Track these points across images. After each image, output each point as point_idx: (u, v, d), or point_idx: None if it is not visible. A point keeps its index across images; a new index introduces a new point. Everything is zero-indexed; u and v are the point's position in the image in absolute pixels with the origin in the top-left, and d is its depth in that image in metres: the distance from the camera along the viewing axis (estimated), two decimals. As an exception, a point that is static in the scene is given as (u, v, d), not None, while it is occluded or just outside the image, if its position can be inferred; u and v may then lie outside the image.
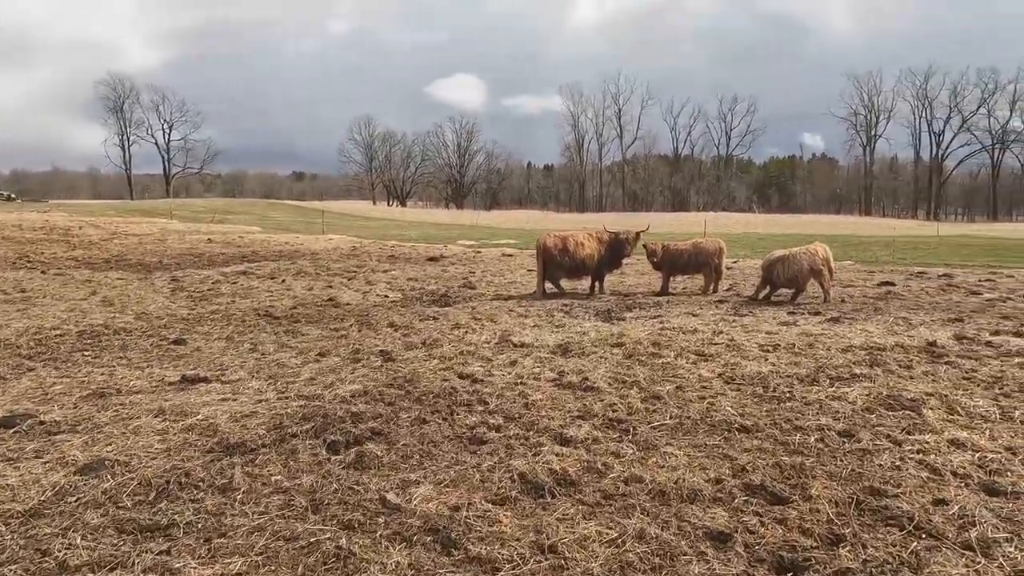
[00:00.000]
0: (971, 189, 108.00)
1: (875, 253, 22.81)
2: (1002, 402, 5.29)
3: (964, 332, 8.30)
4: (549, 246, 12.62)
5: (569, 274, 12.99)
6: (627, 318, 10.04)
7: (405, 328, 9.40)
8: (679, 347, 7.64)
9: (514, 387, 6.05)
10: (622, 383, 6.07)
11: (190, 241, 28.03)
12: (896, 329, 8.66)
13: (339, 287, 13.98)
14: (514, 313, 10.65)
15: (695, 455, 4.31)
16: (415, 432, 4.85)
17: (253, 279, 15.20)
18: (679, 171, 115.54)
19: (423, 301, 12.28)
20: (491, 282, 15.20)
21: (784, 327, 8.95)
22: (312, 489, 3.85)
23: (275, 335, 9.06)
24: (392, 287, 14.09)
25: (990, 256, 21.76)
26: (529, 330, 9.12)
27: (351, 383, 6.32)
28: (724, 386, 5.96)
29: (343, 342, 8.49)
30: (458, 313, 10.64)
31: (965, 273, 16.07)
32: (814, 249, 11.37)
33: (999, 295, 12.11)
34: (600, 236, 12.92)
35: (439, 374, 6.64)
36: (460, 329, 9.25)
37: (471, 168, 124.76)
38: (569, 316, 10.38)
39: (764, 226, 51.24)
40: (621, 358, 7.18)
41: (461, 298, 12.62)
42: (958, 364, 6.57)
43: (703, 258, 12.83)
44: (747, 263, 19.90)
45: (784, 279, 11.46)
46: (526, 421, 5.07)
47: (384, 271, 16.82)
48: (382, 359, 7.44)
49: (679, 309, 10.86)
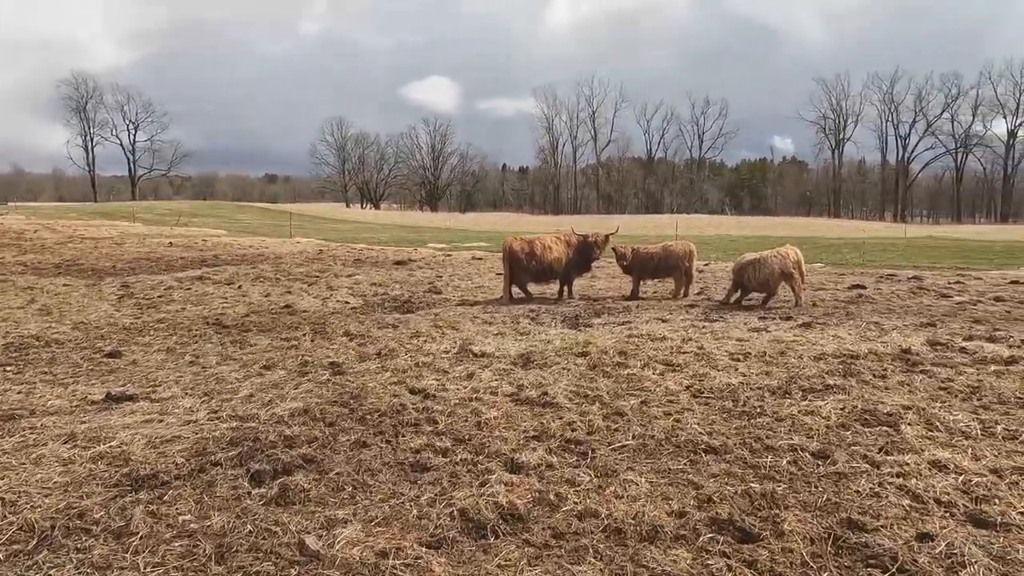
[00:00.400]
0: (936, 192, 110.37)
1: (845, 255, 22.85)
2: (982, 415, 5.00)
3: (937, 338, 8.08)
4: (515, 250, 12.21)
5: (537, 278, 12.59)
6: (595, 324, 9.67)
7: (361, 337, 8.90)
8: (646, 356, 7.28)
9: (468, 403, 5.61)
10: (583, 398, 5.67)
11: (150, 245, 27.05)
12: (868, 335, 8.41)
13: (298, 293, 13.40)
14: (478, 320, 10.21)
15: (657, 482, 3.91)
16: (352, 458, 4.38)
17: (209, 285, 14.52)
18: (652, 173, 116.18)
19: (385, 307, 11.78)
20: (458, 287, 14.75)
21: (755, 333, 8.65)
22: (222, 532, 3.37)
23: (221, 346, 8.51)
24: (354, 293, 13.55)
25: (957, 258, 21.92)
26: (491, 338, 8.69)
27: (292, 400, 5.83)
28: (692, 400, 5.59)
29: (292, 353, 7.97)
30: (419, 320, 10.17)
31: (934, 275, 16.05)
32: (785, 252, 11.13)
33: (969, 298, 12.00)
34: (568, 239, 12.55)
35: (389, 389, 6.18)
36: (419, 338, 8.78)
37: (445, 170, 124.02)
38: (535, 323, 9.97)
39: (736, 228, 51.54)
40: (585, 369, 6.79)
41: (425, 304, 12.15)
42: (934, 373, 6.30)
43: (673, 261, 12.53)
44: (719, 266, 19.73)
45: (755, 283, 11.20)
46: (476, 443, 4.64)
47: (348, 276, 16.25)
48: (331, 372, 6.95)
49: (648, 314, 10.53)
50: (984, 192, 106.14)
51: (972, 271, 17.26)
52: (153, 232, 36.52)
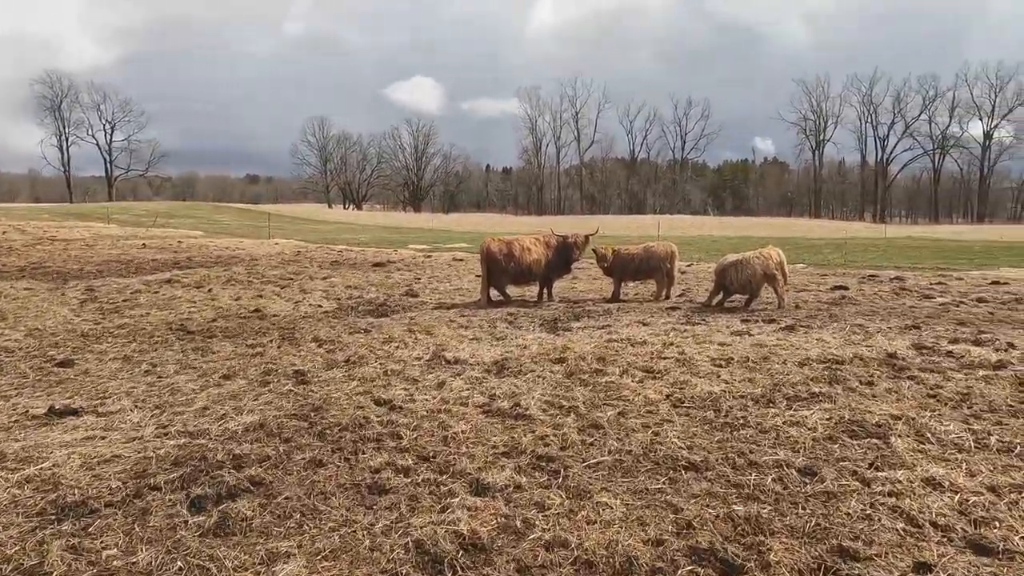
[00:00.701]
0: (914, 192, 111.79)
1: (826, 256, 22.81)
2: (974, 425, 4.77)
3: (923, 341, 7.89)
4: (493, 251, 11.90)
5: (515, 280, 12.28)
6: (573, 328, 9.38)
7: (331, 343, 8.54)
8: (625, 363, 6.99)
9: (435, 416, 5.28)
10: (558, 409, 5.37)
11: (122, 246, 26.37)
12: (853, 338, 8.20)
13: (270, 296, 12.98)
14: (454, 324, 9.88)
15: (634, 505, 3.62)
16: (305, 480, 4.04)
17: (178, 288, 14.05)
18: (636, 174, 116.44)
19: (359, 311, 11.40)
20: (436, 289, 14.40)
21: (737, 337, 8.41)
22: (147, 570, 3.02)
23: (182, 353, 8.10)
24: (328, 296, 13.15)
25: (937, 258, 21.96)
26: (466, 344, 8.36)
27: (249, 413, 5.46)
28: (672, 410, 5.31)
29: (256, 361, 7.59)
30: (393, 325, 9.83)
31: (916, 276, 15.99)
32: (768, 253, 10.93)
33: (951, 299, 11.89)
34: (547, 240, 12.26)
35: (354, 400, 5.83)
36: (391, 343, 8.44)
37: (428, 171, 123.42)
38: (512, 327, 9.67)
39: (718, 229, 51.66)
40: (561, 377, 6.48)
41: (401, 307, 11.79)
42: (922, 379, 6.08)
43: (655, 263, 12.29)
44: (701, 267, 19.57)
45: (737, 284, 10.99)
46: (441, 461, 4.31)
47: (323, 278, 15.83)
48: (294, 381, 6.59)
49: (629, 317, 10.26)
50: (961, 193, 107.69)
51: (953, 271, 17.23)
52: (127, 233, 35.75)
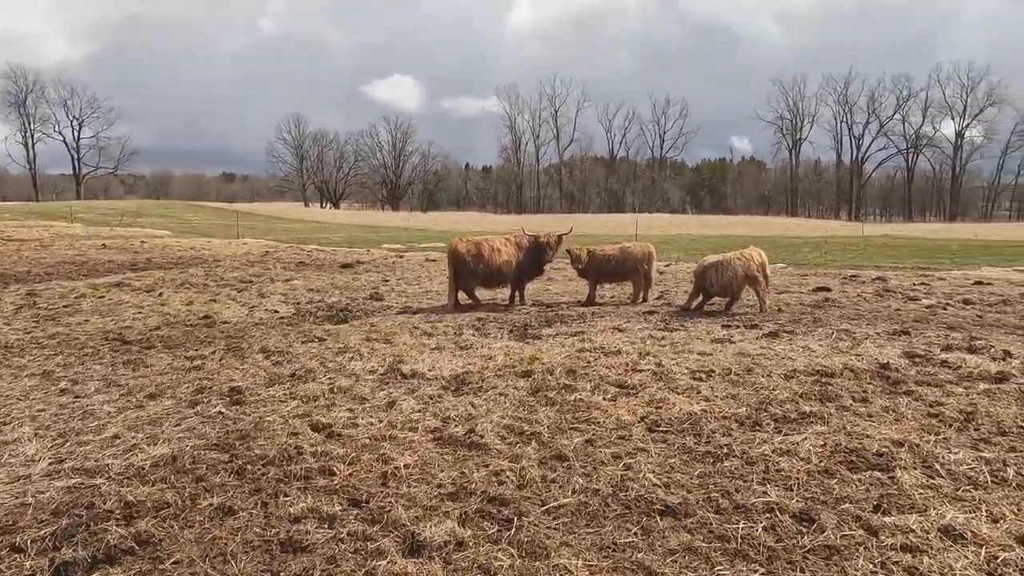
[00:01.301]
0: (888, 191, 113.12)
1: (806, 255, 22.49)
2: (985, 453, 4.23)
3: (915, 348, 7.39)
4: (461, 252, 11.23)
5: (485, 283, 11.63)
6: (544, 336, 8.75)
7: (279, 354, 7.82)
8: (597, 376, 6.38)
9: (378, 445, 4.61)
10: (519, 436, 4.73)
11: (80, 247, 25.21)
12: (840, 346, 7.68)
13: (224, 301, 12.17)
14: (417, 331, 9.21)
15: (599, 566, 2.99)
16: (206, 535, 3.35)
17: (127, 292, 13.18)
18: (615, 173, 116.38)
19: (317, 317, 10.67)
20: (403, 292, 13.69)
21: (718, 345, 7.84)
22: None
23: (111, 367, 7.33)
24: (287, 300, 12.38)
25: (917, 257, 21.73)
26: (427, 354, 7.69)
27: (164, 443, 4.74)
28: (647, 436, 4.70)
29: (192, 376, 6.85)
30: (352, 332, 9.12)
31: (898, 276, 15.62)
32: (749, 254, 10.40)
33: (937, 301, 11.48)
34: (519, 240, 11.62)
35: (290, 424, 5.14)
36: (346, 354, 7.74)
37: (407, 169, 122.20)
38: (479, 334, 9.02)
39: (697, 227, 51.47)
40: (526, 394, 5.85)
41: (363, 312, 11.08)
42: (919, 394, 5.54)
43: (631, 264, 11.71)
44: (680, 267, 19.08)
45: (718, 287, 10.44)
46: (375, 507, 3.65)
47: (285, 280, 15.04)
48: (228, 401, 5.87)
49: (604, 323, 9.67)
50: (933, 192, 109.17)
51: (934, 271, 16.93)
52: (89, 233, 34.46)
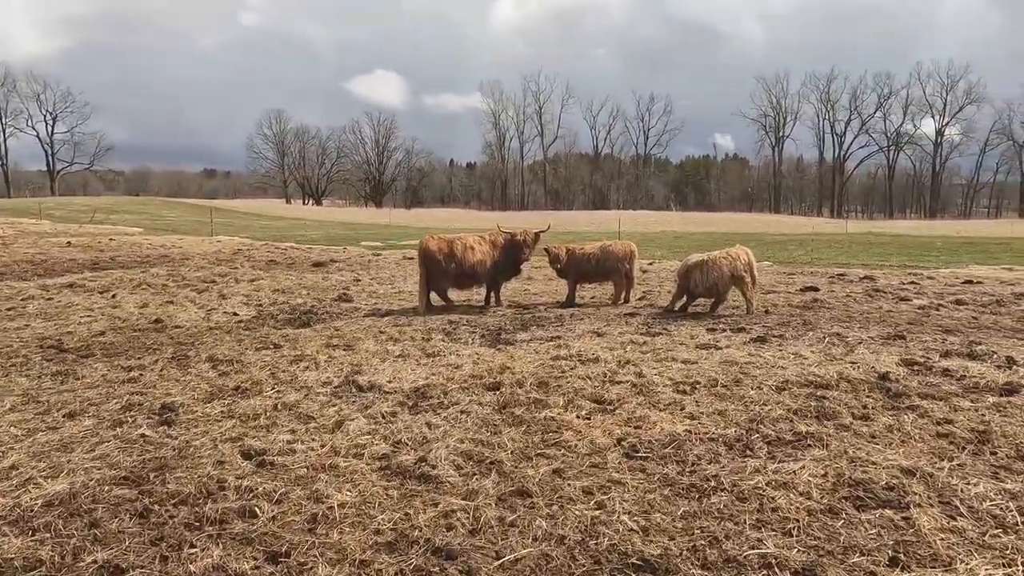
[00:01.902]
0: (869, 188, 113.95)
1: (791, 253, 22.10)
2: (1007, 483, 3.70)
3: (912, 355, 6.90)
4: (432, 250, 10.61)
5: (458, 283, 11.01)
6: (518, 341, 8.16)
7: (228, 363, 7.16)
8: (572, 389, 5.80)
9: (315, 477, 3.99)
10: (478, 464, 4.13)
11: (43, 245, 24.22)
12: (833, 352, 7.17)
13: (182, 303, 11.44)
14: (383, 336, 8.58)
15: (559, 648, 2.41)
16: (78, 606, 2.72)
17: (79, 293, 12.39)
18: (599, 169, 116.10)
19: (278, 320, 9.99)
20: (374, 292, 13.04)
21: (704, 352, 7.30)
22: None
23: (38, 379, 6.63)
24: (249, 302, 11.68)
25: (903, 255, 21.43)
26: (389, 363, 7.07)
27: (66, 476, 4.09)
28: (623, 463, 4.12)
29: (124, 390, 6.18)
30: (312, 338, 8.48)
31: (886, 275, 15.23)
32: (735, 253, 9.88)
33: (929, 302, 11.04)
34: (494, 238, 11.02)
35: (219, 449, 4.50)
36: (301, 363, 7.11)
37: (390, 165, 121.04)
38: (449, 339, 8.41)
39: (681, 224, 51.17)
40: (492, 411, 5.25)
41: (328, 315, 10.42)
42: (924, 410, 5.02)
43: (612, 263, 11.15)
44: (664, 265, 18.59)
45: (703, 287, 9.91)
46: (296, 562, 3.04)
47: (251, 280, 14.31)
48: (156, 421, 5.22)
49: (583, 326, 9.10)
50: (914, 189, 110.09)
51: (922, 269, 16.58)
52: (57, 230, 33.37)
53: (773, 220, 67.43)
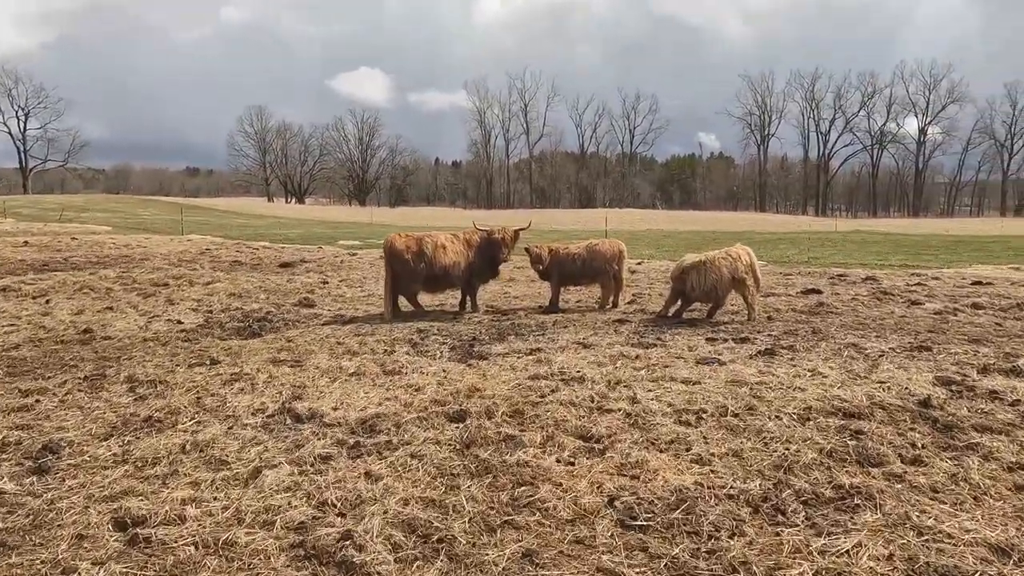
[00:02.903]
0: (853, 186, 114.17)
1: (784, 252, 21.25)
2: None
3: (946, 371, 5.95)
4: (398, 249, 9.54)
5: (429, 286, 9.95)
6: (493, 355, 7.13)
7: (150, 385, 6.06)
8: (553, 420, 4.78)
9: (200, 563, 2.93)
10: (422, 541, 3.08)
11: (-4, 244, 22.82)
12: (855, 367, 6.20)
13: (123, 309, 10.28)
14: (340, 348, 7.52)
15: None
16: None
17: (10, 299, 11.18)
18: (585, 168, 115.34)
19: (225, 330, 8.89)
20: (341, 296, 11.95)
21: (706, 368, 6.31)
22: None
23: (-91, 408, 5.48)
24: (199, 307, 10.54)
25: (900, 254, 20.65)
26: (340, 384, 6.01)
27: None
28: (617, 538, 3.10)
29: (7, 421, 5.07)
30: (259, 350, 7.40)
31: (888, 275, 14.37)
32: (736, 253, 8.91)
33: (943, 305, 10.15)
34: (468, 237, 9.97)
35: (88, 515, 3.43)
36: (236, 384, 6.03)
37: (374, 163, 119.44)
38: (415, 352, 7.36)
39: (667, 223, 50.43)
40: (452, 452, 4.22)
41: (284, 323, 9.34)
42: (989, 449, 4.04)
43: (599, 264, 10.14)
44: (653, 265, 17.64)
45: (700, 291, 8.94)
46: None
47: (207, 283, 13.14)
48: (28, 468, 4.15)
49: (567, 336, 8.09)
50: (898, 187, 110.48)
51: (924, 269, 15.76)
52: (20, 229, 31.95)
53: (760, 218, 66.96)
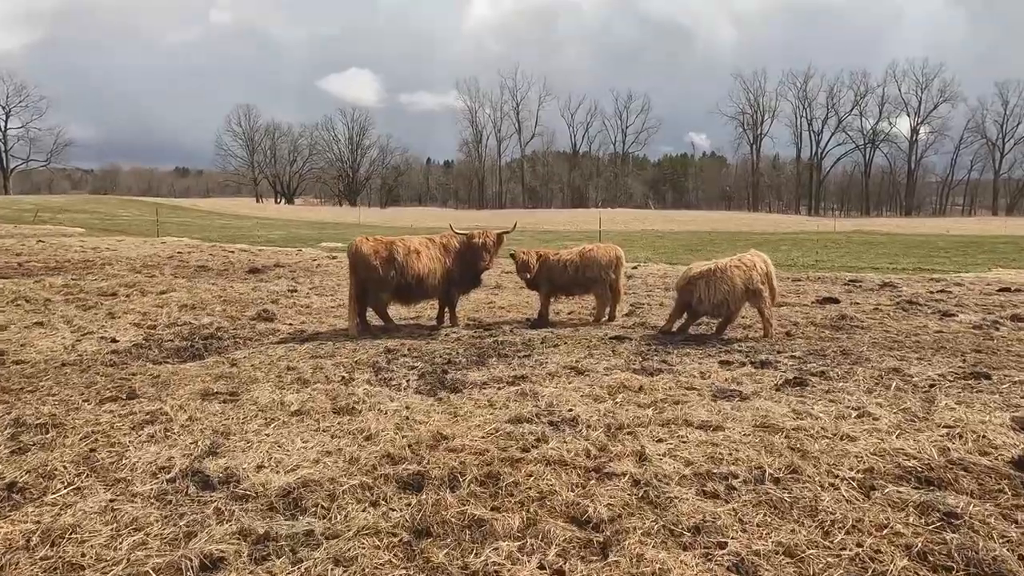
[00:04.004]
0: (845, 186, 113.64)
1: (788, 254, 20.17)
2: None
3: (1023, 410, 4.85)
4: (365, 254, 8.37)
5: (401, 297, 8.77)
6: (468, 384, 5.97)
7: (39, 429, 4.87)
8: (537, 492, 3.63)
9: None
10: None
11: (-49, 248, 21.44)
12: (909, 405, 5.08)
13: (54, 325, 9.04)
14: (289, 376, 6.35)
15: None
16: None
17: (-68, 311, 9.92)
18: (577, 167, 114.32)
19: (164, 350, 7.69)
20: (308, 307, 10.76)
21: (726, 403, 5.18)
22: None
23: None
24: (143, 322, 9.31)
25: (909, 256, 19.61)
26: (275, 427, 4.84)
27: None
28: None
29: None
30: (193, 378, 6.23)
31: (906, 281, 13.30)
32: (750, 261, 7.79)
33: (979, 317, 9.07)
34: (446, 241, 8.82)
35: None
36: (148, 427, 4.86)
37: (364, 163, 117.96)
38: (377, 380, 6.20)
39: (662, 223, 49.40)
40: (396, 550, 3.05)
41: (234, 341, 8.16)
42: None
43: (594, 272, 9.00)
44: (650, 269, 16.52)
45: (709, 304, 7.81)
46: None
47: (161, 292, 11.89)
48: None
49: (557, 358, 6.95)
50: (890, 186, 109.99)
51: (941, 274, 14.72)
52: (-17, 232, 30.50)
53: (754, 218, 66.12)
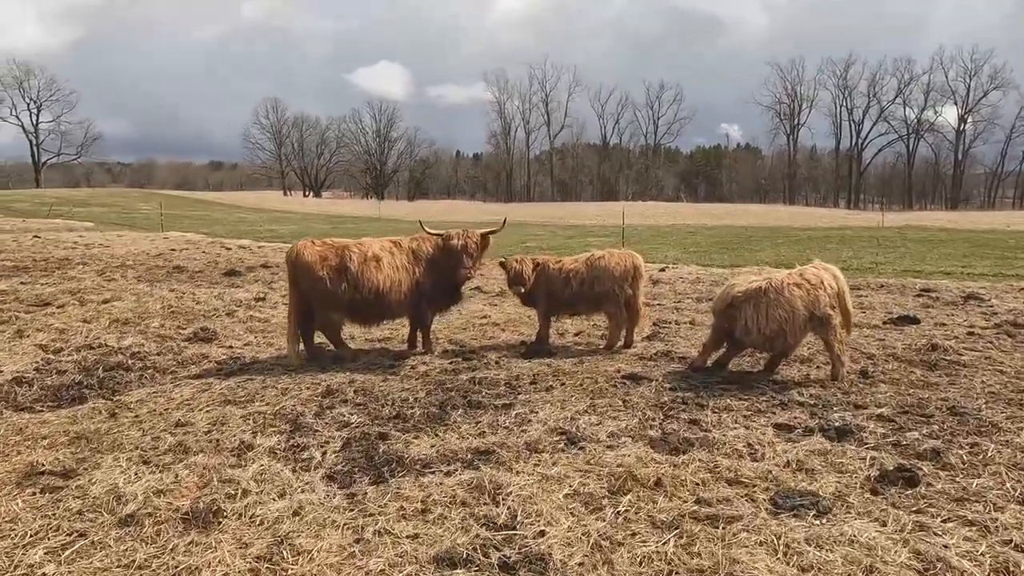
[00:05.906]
0: (887, 178, 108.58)
1: (837, 254, 17.76)
2: None
3: None
4: (307, 262, 6.53)
5: (357, 316, 6.86)
6: (404, 466, 4.05)
7: None
8: None
9: None
10: None
11: (-65, 244, 20.32)
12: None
13: (-56, 346, 7.40)
14: (172, 436, 4.57)
15: None
16: None
17: None
18: (607, 159, 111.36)
19: (44, 388, 5.98)
20: (264, 321, 8.98)
21: (796, 522, 3.17)
22: None
23: None
24: (52, 343, 7.59)
25: (979, 256, 17.06)
26: (67, 556, 2.99)
27: None
28: None
29: None
30: (36, 439, 4.46)
31: (991, 292, 10.95)
32: (815, 278, 5.68)
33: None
34: (416, 246, 6.92)
35: None
36: None
37: (392, 156, 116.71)
38: (286, 449, 4.34)
39: (694, 217, 46.76)
40: None
41: (144, 372, 6.41)
42: None
43: (604, 285, 6.98)
44: (679, 272, 14.33)
45: (758, 335, 5.73)
46: None
47: (102, 301, 10.19)
48: None
49: (546, 412, 5.00)
50: (935, 178, 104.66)
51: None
52: (-12, 227, 29.66)
53: (791, 212, 62.84)
